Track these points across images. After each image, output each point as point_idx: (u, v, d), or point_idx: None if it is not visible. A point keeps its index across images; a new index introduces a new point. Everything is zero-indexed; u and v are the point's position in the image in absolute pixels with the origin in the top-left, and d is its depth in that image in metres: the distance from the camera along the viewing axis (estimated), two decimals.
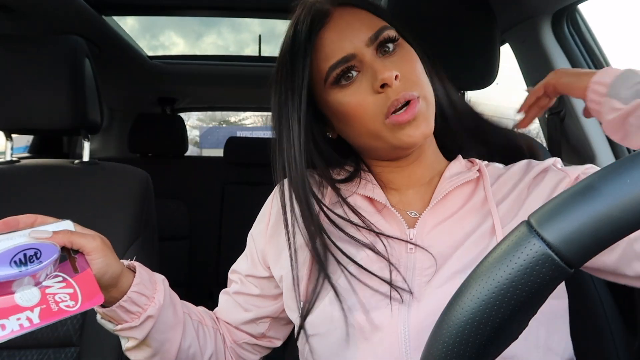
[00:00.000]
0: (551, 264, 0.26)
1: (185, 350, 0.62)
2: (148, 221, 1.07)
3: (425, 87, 0.59)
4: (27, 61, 1.01)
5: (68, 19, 1.41)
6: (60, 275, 0.49)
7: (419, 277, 0.57)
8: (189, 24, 18.51)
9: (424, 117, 0.58)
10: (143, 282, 0.57)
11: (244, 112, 11.78)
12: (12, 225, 0.50)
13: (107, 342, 0.95)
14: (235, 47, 18.80)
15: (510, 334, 0.28)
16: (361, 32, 0.59)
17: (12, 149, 1.12)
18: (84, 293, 0.48)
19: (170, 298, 0.61)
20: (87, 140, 1.11)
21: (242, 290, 0.70)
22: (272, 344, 0.73)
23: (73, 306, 0.47)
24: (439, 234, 0.60)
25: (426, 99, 0.59)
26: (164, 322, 0.59)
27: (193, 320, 0.65)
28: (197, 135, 17.60)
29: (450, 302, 0.29)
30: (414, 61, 0.60)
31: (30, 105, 1.00)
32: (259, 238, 0.69)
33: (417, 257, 0.58)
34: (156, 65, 2.06)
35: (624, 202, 0.25)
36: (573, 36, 1.10)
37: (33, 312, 0.45)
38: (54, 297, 0.47)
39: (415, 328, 0.54)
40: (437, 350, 0.29)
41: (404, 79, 0.57)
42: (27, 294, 0.46)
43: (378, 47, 0.59)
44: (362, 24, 0.60)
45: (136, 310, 0.56)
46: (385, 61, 0.59)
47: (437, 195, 0.62)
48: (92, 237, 0.52)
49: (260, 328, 0.70)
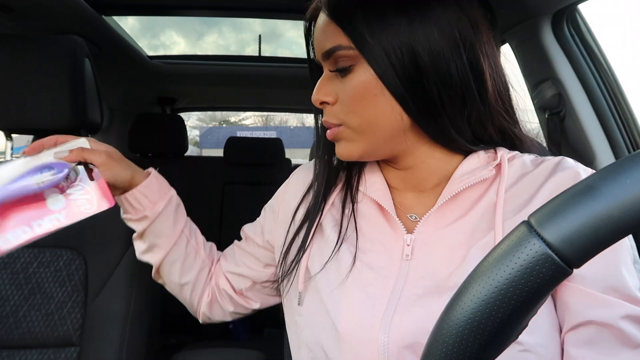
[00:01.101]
0: (551, 264, 0.26)
1: (168, 262, 0.72)
2: None
3: (353, 117, 0.56)
4: (27, 61, 1.01)
5: (68, 19, 1.41)
6: (80, 184, 0.62)
7: (410, 289, 0.54)
8: (190, 23, 18.43)
9: (345, 142, 0.58)
10: (150, 187, 0.69)
11: (244, 112, 11.78)
12: (38, 147, 0.64)
13: (107, 342, 0.96)
14: (236, 47, 18.81)
15: (510, 334, 0.28)
16: (320, 44, 0.57)
17: (12, 149, 1.12)
18: (98, 198, 0.61)
19: (174, 212, 0.72)
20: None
21: (242, 246, 0.77)
22: (248, 305, 0.76)
23: (90, 208, 0.61)
24: (439, 242, 0.55)
25: (352, 128, 0.56)
26: (159, 227, 0.70)
27: (189, 243, 0.74)
28: (197, 135, 17.63)
29: (450, 302, 0.29)
30: (358, 88, 0.54)
31: (30, 105, 1.00)
32: (270, 209, 0.75)
33: (410, 266, 0.55)
34: (156, 65, 2.06)
35: (624, 202, 0.25)
36: (573, 36, 1.10)
37: (61, 214, 0.60)
38: (76, 203, 0.61)
39: (396, 341, 0.51)
40: (437, 350, 0.29)
41: (339, 104, 0.57)
42: (55, 201, 0.60)
43: (333, 64, 0.56)
44: (324, 37, 0.56)
45: (137, 207, 0.69)
46: (335, 80, 0.57)
47: (443, 197, 0.56)
48: (98, 153, 0.64)
49: (241, 284, 0.74)
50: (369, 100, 0.54)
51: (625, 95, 1.08)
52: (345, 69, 0.55)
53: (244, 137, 2.74)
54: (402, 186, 0.62)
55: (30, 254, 0.98)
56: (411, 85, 0.53)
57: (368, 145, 0.57)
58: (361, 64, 0.54)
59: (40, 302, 0.96)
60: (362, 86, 0.54)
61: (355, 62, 0.54)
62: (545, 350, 0.48)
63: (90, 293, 0.97)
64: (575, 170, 0.53)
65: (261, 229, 0.74)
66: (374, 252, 0.58)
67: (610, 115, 1.06)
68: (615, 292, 0.47)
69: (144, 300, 1.01)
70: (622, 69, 1.13)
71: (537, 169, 0.55)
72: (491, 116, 0.57)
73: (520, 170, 0.56)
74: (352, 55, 0.54)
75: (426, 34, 0.52)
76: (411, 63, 0.52)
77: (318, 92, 0.58)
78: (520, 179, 0.56)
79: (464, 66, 0.53)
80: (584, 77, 1.08)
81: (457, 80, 0.53)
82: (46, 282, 0.97)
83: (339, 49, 0.54)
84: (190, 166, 2.25)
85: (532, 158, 0.58)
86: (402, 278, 0.55)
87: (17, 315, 0.95)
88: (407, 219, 0.60)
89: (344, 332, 0.54)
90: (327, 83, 0.58)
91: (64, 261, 0.98)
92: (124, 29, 1.73)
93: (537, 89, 1.14)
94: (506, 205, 0.54)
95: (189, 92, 2.42)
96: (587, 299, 0.48)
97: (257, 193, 2.05)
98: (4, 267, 0.96)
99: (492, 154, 0.58)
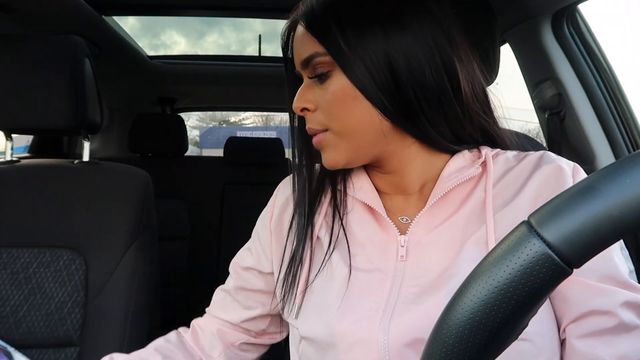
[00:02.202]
0: (551, 264, 0.26)
1: None
2: (148, 221, 1.07)
3: (336, 122, 0.57)
4: (27, 61, 1.01)
5: (68, 19, 1.41)
6: None
7: (407, 288, 0.54)
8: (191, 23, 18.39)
9: (329, 148, 0.59)
10: None
11: (244, 112, 11.76)
12: None
13: (107, 342, 0.96)
14: (237, 46, 18.83)
15: (510, 334, 0.28)
16: (299, 53, 0.58)
17: (12, 149, 1.12)
18: None
19: None
20: (87, 140, 1.11)
21: (244, 286, 0.70)
22: (272, 340, 0.73)
23: None
24: (432, 241, 0.56)
25: (336, 133, 0.57)
26: None
27: None
28: (197, 135, 17.63)
29: (450, 302, 0.29)
30: (336, 93, 0.56)
31: (30, 105, 1.01)
32: (263, 231, 0.70)
33: (406, 266, 0.56)
34: (156, 65, 2.06)
35: (624, 202, 0.25)
36: (573, 36, 1.10)
37: None
38: None
39: (396, 341, 0.52)
40: (437, 350, 0.29)
41: (320, 110, 0.58)
42: None
43: (313, 72, 0.58)
44: (301, 46, 0.58)
45: None
46: (315, 88, 0.58)
47: (433, 197, 0.58)
48: None
49: (261, 325, 0.70)
50: (348, 105, 0.56)
51: (625, 95, 1.08)
52: (323, 75, 0.57)
53: (244, 137, 2.74)
54: (391, 190, 0.63)
55: (30, 254, 0.98)
56: (387, 89, 0.54)
57: (351, 150, 0.58)
58: (337, 70, 0.56)
59: (40, 302, 0.96)
60: (341, 91, 0.56)
61: (332, 68, 0.56)
62: (541, 339, 0.49)
63: (91, 293, 0.97)
64: (558, 164, 0.55)
65: (263, 253, 0.69)
66: (368, 255, 0.59)
67: (610, 115, 1.06)
68: (610, 280, 0.49)
69: (144, 300, 1.01)
70: (622, 69, 1.13)
71: (521, 164, 0.58)
72: (469, 116, 0.58)
73: (504, 166, 0.59)
74: (328, 62, 0.56)
75: (400, 41, 0.53)
76: (386, 67, 0.54)
77: (299, 100, 0.59)
78: (505, 174, 0.58)
79: (438, 68, 0.54)
80: (584, 77, 1.08)
81: (432, 82, 0.54)
82: (46, 282, 0.97)
83: (316, 56, 0.56)
84: (190, 166, 2.25)
85: (515, 154, 0.60)
86: (399, 279, 0.55)
87: (17, 315, 0.95)
88: (398, 221, 0.60)
89: (342, 335, 0.54)
90: (307, 91, 0.59)
91: (64, 261, 0.98)
92: (124, 29, 1.73)
93: (537, 89, 1.14)
94: (495, 200, 0.56)
95: (189, 92, 2.42)
96: (586, 290, 0.49)
97: (257, 193, 2.05)
98: (4, 267, 0.96)
99: (477, 152, 0.60)
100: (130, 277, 0.99)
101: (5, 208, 1.01)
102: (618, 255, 0.51)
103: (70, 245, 0.99)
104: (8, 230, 0.99)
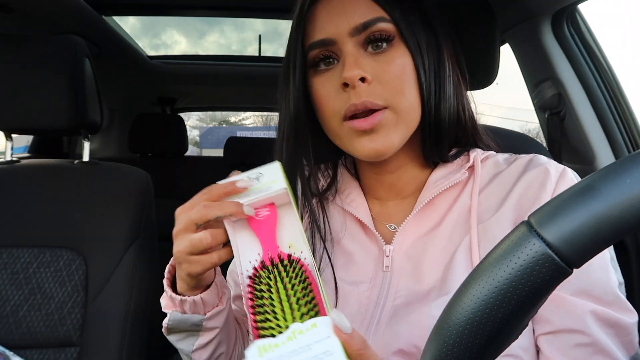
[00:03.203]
0: (551, 264, 0.26)
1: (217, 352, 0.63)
2: (148, 221, 1.07)
3: (401, 99, 0.51)
4: (27, 61, 1.01)
5: (68, 19, 1.41)
6: None
7: (392, 299, 0.53)
8: (191, 22, 18.38)
9: (386, 130, 0.52)
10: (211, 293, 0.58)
11: (244, 112, 11.75)
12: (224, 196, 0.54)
13: (107, 342, 0.96)
14: (237, 46, 18.82)
15: (510, 334, 0.28)
16: (349, 18, 0.51)
17: (12, 149, 1.12)
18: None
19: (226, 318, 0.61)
20: (87, 140, 1.11)
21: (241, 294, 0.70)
22: None
23: None
24: (417, 250, 0.55)
25: (398, 111, 0.52)
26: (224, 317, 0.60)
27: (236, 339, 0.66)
28: (197, 135, 17.62)
29: (450, 302, 0.29)
30: (400, 66, 0.52)
31: (30, 105, 1.00)
32: None
33: (392, 277, 0.55)
34: (156, 65, 2.06)
35: (624, 202, 0.25)
36: (573, 36, 1.10)
37: None
38: None
39: (382, 351, 0.51)
40: (437, 350, 0.29)
41: (379, 83, 0.51)
42: None
43: (367, 40, 0.52)
44: (354, 9, 0.51)
45: (216, 299, 0.58)
46: (368, 58, 0.52)
47: (419, 204, 0.55)
48: None
49: None
50: (407, 83, 0.51)
51: (625, 95, 1.08)
52: (383, 43, 0.51)
53: (244, 137, 2.74)
54: (385, 194, 0.61)
55: (30, 254, 0.97)
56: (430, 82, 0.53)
57: (405, 136, 0.53)
58: (398, 44, 0.52)
59: (40, 302, 0.96)
60: (402, 66, 0.51)
61: (394, 38, 0.52)
62: (524, 353, 0.48)
63: (91, 293, 0.97)
64: (545, 168, 0.52)
65: None
66: (354, 266, 0.58)
67: (610, 115, 1.06)
68: (585, 294, 0.47)
69: (144, 300, 1.01)
70: (622, 69, 1.13)
71: (510, 167, 0.55)
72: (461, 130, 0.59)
73: (493, 170, 0.56)
74: (391, 31, 0.51)
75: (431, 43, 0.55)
76: (436, 59, 0.54)
77: (356, 67, 0.50)
78: (493, 178, 0.56)
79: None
80: (584, 77, 1.08)
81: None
82: (46, 282, 0.96)
83: (380, 21, 0.51)
84: (190, 166, 2.25)
85: (506, 157, 0.58)
86: (385, 290, 0.54)
87: (17, 315, 0.95)
88: (386, 229, 0.59)
89: None
90: (361, 59, 0.51)
91: (64, 261, 0.97)
92: (124, 29, 1.73)
93: (537, 89, 1.14)
94: (480, 205, 0.54)
95: (189, 92, 2.42)
96: (556, 304, 0.47)
97: None
98: (4, 267, 0.96)
99: (465, 156, 0.58)
100: (130, 277, 0.99)
101: (5, 208, 1.01)
102: (607, 267, 0.48)
103: (70, 245, 0.99)
104: (8, 230, 0.99)
